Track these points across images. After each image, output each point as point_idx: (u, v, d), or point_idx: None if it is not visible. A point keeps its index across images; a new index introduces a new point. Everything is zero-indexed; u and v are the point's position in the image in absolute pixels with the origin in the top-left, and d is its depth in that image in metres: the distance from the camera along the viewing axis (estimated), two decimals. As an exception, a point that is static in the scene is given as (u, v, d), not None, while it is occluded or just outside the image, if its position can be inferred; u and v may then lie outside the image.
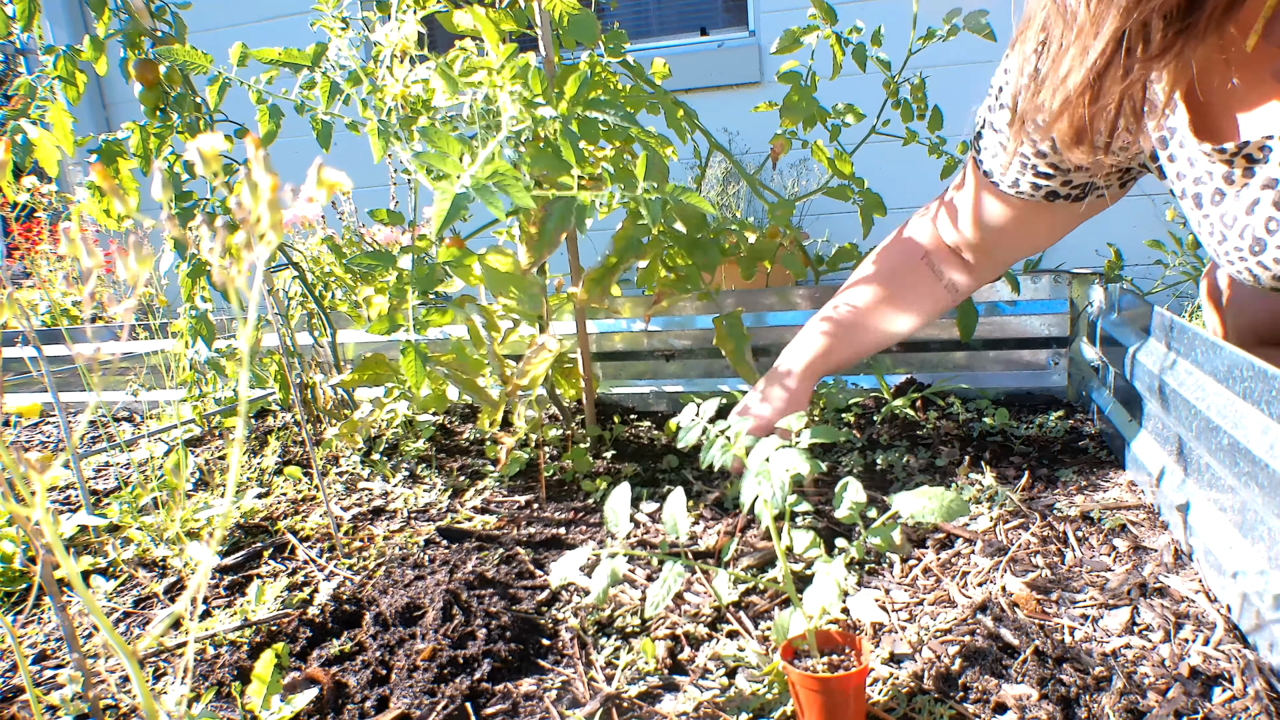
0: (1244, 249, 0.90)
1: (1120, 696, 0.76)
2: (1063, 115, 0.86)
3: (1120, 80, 0.78)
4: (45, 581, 0.59)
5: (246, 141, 0.45)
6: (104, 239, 3.66)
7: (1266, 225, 0.86)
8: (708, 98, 3.46)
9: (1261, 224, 0.87)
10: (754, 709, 0.79)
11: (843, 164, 1.73)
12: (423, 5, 1.28)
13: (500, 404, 1.36)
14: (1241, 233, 0.90)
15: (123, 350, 2.16)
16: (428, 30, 1.32)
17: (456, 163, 0.95)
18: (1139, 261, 2.51)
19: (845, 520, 0.81)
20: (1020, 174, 1.10)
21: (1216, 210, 0.92)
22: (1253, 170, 0.87)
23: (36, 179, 3.49)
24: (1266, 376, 0.81)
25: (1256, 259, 0.89)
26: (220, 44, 1.42)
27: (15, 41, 4.19)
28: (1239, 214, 0.89)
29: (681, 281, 1.45)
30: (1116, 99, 0.82)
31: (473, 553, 1.16)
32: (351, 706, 0.84)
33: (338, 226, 3.36)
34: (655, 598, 0.79)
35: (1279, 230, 0.85)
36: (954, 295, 1.32)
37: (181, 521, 1.29)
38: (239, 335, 1.68)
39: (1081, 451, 1.37)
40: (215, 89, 1.31)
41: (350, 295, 1.91)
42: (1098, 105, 0.83)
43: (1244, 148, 0.86)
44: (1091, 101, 0.82)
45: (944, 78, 2.12)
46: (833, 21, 1.65)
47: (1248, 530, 0.85)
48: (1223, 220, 0.92)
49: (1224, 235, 0.92)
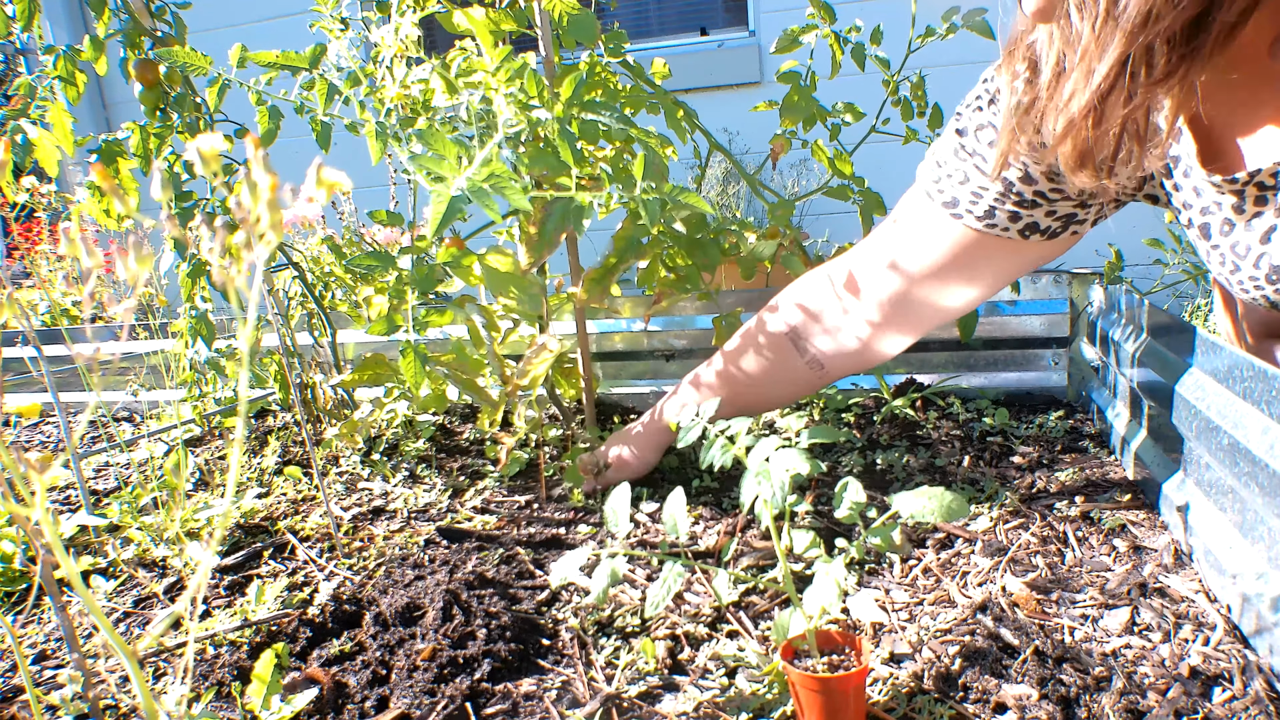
0: (1260, 278, 0.88)
1: (1120, 696, 0.76)
2: (1066, 138, 0.84)
3: (1123, 105, 0.77)
4: (45, 581, 0.59)
5: (246, 141, 0.45)
6: (104, 239, 3.66)
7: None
8: (708, 98, 3.46)
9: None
10: (754, 709, 0.79)
11: (843, 164, 1.72)
12: (422, 6, 1.28)
13: (500, 404, 1.36)
14: (1257, 262, 0.87)
15: (123, 350, 2.16)
16: (428, 31, 1.32)
17: (453, 165, 0.95)
18: (1139, 261, 2.51)
19: (845, 520, 0.81)
20: (998, 202, 1.03)
21: (1227, 240, 0.90)
22: (1265, 198, 0.85)
23: (36, 179, 3.49)
24: (1266, 376, 0.81)
25: (1274, 287, 0.87)
26: (220, 44, 1.42)
27: (15, 41, 4.19)
28: (1253, 243, 0.87)
29: (681, 281, 1.45)
30: (1119, 124, 0.80)
31: (473, 553, 1.16)
32: (351, 706, 0.84)
33: (338, 226, 3.37)
34: (655, 598, 0.79)
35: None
36: (819, 375, 1.25)
37: (181, 521, 1.29)
38: (239, 335, 1.68)
39: (1081, 451, 1.37)
40: (215, 90, 1.31)
41: (350, 295, 1.91)
42: (1100, 129, 0.81)
43: (1255, 176, 0.84)
44: (1095, 125, 0.80)
45: (943, 76, 2.12)
46: (832, 21, 1.65)
47: (1248, 530, 0.85)
48: (1234, 250, 0.90)
49: (1237, 265, 0.90)
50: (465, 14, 1.26)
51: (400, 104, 1.27)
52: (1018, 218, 1.04)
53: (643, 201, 1.09)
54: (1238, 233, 0.89)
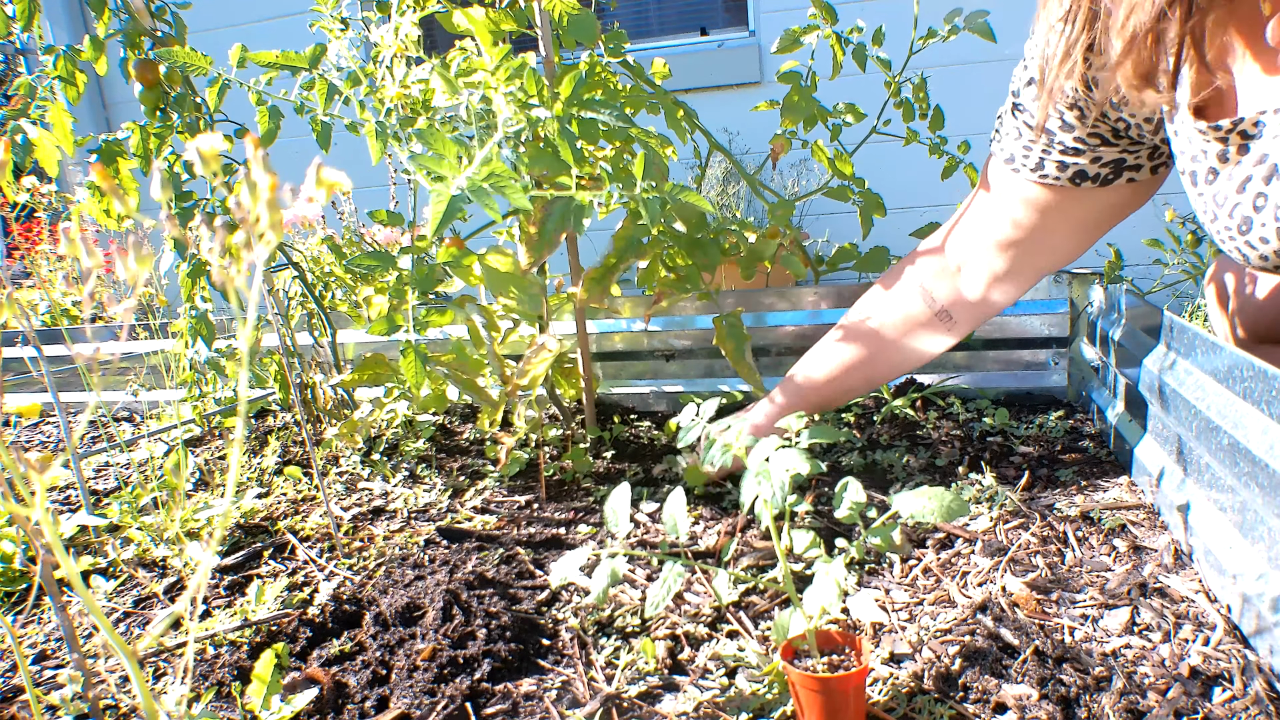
0: (1233, 228, 0.90)
1: (1120, 696, 0.76)
2: (1127, 57, 0.86)
3: (1181, 21, 0.80)
4: (45, 581, 0.59)
5: (246, 141, 0.45)
6: (104, 239, 3.66)
7: (1255, 203, 0.86)
8: (708, 98, 3.46)
9: (1250, 202, 0.86)
10: (754, 709, 0.79)
11: (843, 164, 1.73)
12: (422, 6, 1.28)
13: (500, 404, 1.36)
14: (1231, 212, 0.89)
15: (123, 350, 2.16)
16: (428, 31, 1.32)
17: (453, 164, 0.95)
18: (1139, 261, 2.51)
19: (845, 520, 0.81)
20: (1045, 154, 1.08)
21: (1210, 190, 0.92)
22: (1247, 147, 0.86)
23: (36, 179, 3.49)
24: (1266, 376, 0.81)
25: (1244, 238, 0.89)
26: (220, 44, 1.43)
27: (15, 41, 4.19)
28: (1230, 193, 0.89)
29: (681, 281, 1.45)
30: (1179, 38, 0.83)
31: (473, 553, 1.16)
32: (351, 706, 0.84)
33: (338, 226, 3.37)
34: (655, 598, 0.79)
35: (1266, 207, 0.84)
36: (949, 327, 1.26)
37: (181, 521, 1.29)
38: (239, 335, 1.68)
39: (1081, 451, 1.37)
40: (215, 90, 1.31)
41: (350, 295, 1.91)
42: (1160, 46, 0.84)
43: (1239, 124, 0.85)
44: (1155, 42, 0.83)
45: (945, 78, 2.12)
46: (833, 21, 1.65)
47: (1248, 530, 0.85)
48: (1214, 200, 0.91)
49: (1215, 214, 0.92)
50: (465, 14, 1.26)
51: (400, 104, 1.27)
52: (1065, 166, 1.08)
53: (643, 201, 1.09)
54: (1220, 182, 0.91)
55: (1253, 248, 0.89)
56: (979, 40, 1.62)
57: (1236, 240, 0.90)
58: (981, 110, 3.08)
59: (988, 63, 2.76)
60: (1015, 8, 1.24)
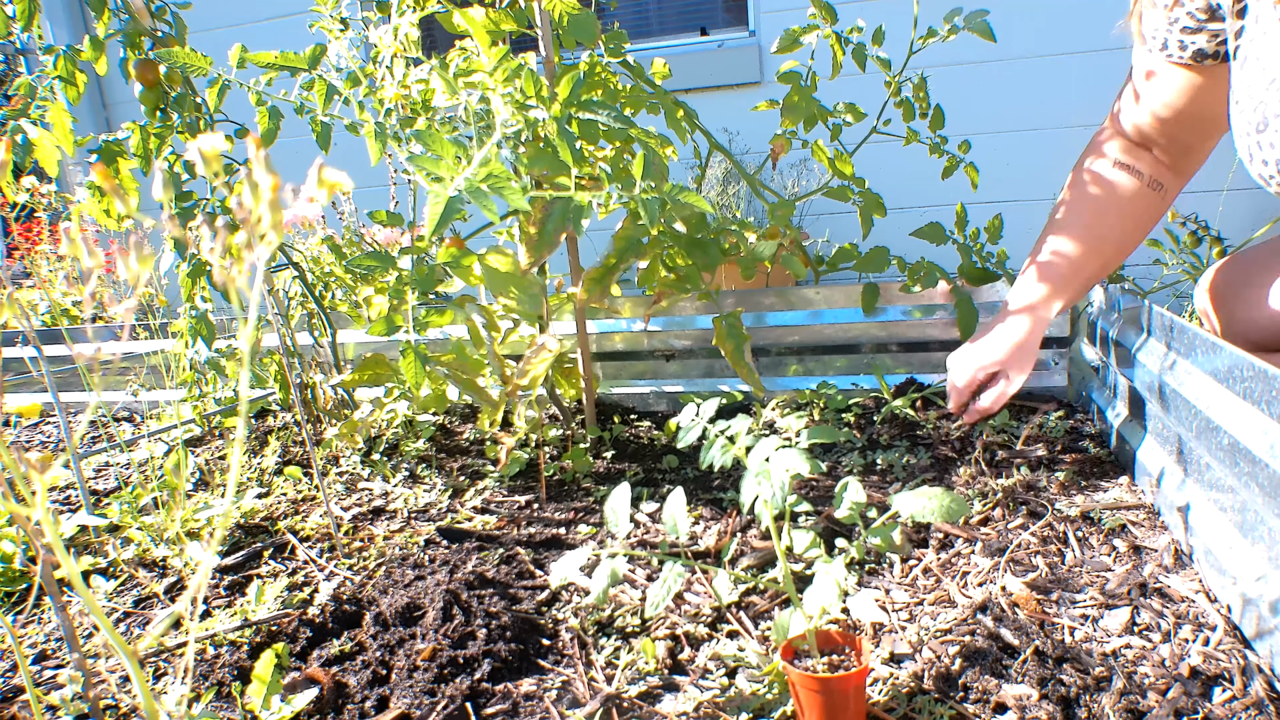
0: (1249, 128, 0.91)
1: (1120, 696, 0.76)
2: None
3: None
4: (45, 581, 0.59)
5: (247, 141, 0.45)
6: (104, 239, 3.66)
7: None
8: (708, 98, 3.45)
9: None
10: (754, 709, 0.79)
11: (843, 164, 1.72)
12: (422, 6, 1.28)
13: (500, 404, 1.36)
14: (1256, 107, 0.90)
15: (123, 350, 2.16)
16: (427, 31, 1.32)
17: (451, 165, 0.95)
18: (1139, 261, 2.51)
19: (845, 520, 0.81)
20: (1169, 32, 1.11)
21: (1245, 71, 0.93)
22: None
23: (36, 179, 3.49)
24: (1266, 376, 0.81)
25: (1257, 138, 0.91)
26: (220, 44, 1.43)
27: (15, 41, 4.19)
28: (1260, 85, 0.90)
29: (681, 281, 1.45)
30: None
31: (473, 553, 1.16)
32: (351, 706, 0.84)
33: (338, 227, 3.36)
34: (655, 598, 0.79)
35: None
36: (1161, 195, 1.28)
37: (181, 521, 1.29)
38: (239, 335, 1.68)
39: (1081, 451, 1.37)
40: (215, 90, 1.31)
41: (350, 295, 1.91)
42: None
43: None
44: None
45: (945, 78, 2.12)
46: (833, 21, 1.65)
47: (1248, 530, 0.85)
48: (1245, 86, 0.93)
49: (1239, 101, 0.94)
50: (463, 14, 1.26)
51: (400, 104, 1.27)
52: (1185, 46, 1.11)
53: (642, 201, 1.09)
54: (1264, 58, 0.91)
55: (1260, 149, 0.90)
56: (979, 40, 1.62)
57: (1251, 138, 0.92)
58: (982, 110, 3.08)
59: (988, 63, 2.77)
60: (1015, 7, 1.24)
